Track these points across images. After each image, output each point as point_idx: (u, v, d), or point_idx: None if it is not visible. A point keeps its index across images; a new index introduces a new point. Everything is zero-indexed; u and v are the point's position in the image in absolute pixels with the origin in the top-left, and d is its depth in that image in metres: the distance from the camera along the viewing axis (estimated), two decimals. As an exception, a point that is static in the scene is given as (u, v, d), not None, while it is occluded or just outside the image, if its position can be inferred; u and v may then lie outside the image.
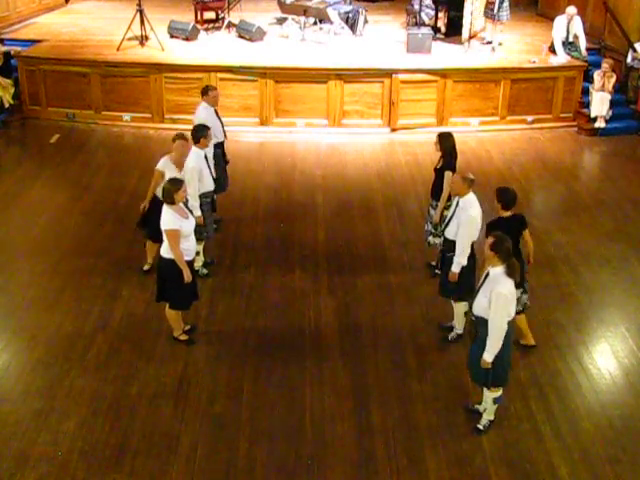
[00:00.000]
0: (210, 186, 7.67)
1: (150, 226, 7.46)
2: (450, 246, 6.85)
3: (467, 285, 6.71)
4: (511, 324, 5.62)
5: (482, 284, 5.68)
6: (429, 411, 6.31)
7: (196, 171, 7.37)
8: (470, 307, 5.95)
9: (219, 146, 8.60)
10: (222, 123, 8.66)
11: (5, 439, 5.89)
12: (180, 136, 7.46)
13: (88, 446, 5.86)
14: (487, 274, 5.65)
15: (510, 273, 5.50)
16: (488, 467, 5.76)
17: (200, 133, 7.49)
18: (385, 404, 6.38)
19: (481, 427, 6.08)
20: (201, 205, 7.52)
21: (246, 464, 5.76)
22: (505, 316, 5.51)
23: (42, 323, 7.31)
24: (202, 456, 5.81)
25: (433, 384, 6.63)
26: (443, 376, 6.70)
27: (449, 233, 6.90)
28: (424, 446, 5.95)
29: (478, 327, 5.73)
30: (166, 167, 7.40)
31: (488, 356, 5.62)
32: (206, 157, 7.60)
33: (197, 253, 7.77)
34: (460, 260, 6.70)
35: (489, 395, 5.99)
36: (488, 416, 6.08)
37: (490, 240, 5.54)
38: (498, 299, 5.44)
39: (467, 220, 6.61)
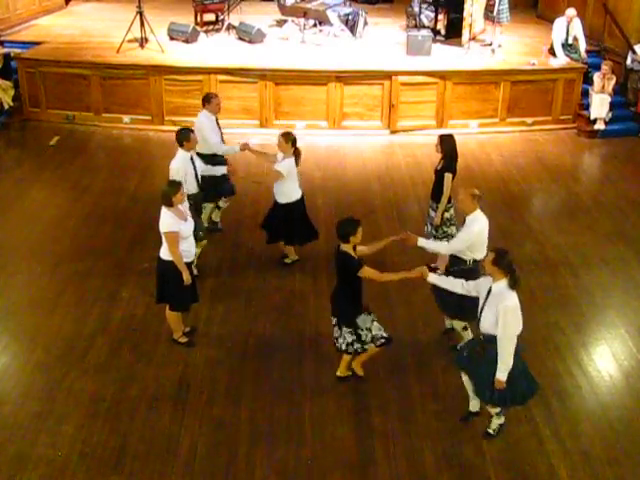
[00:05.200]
0: (193, 189, 7.56)
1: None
2: (453, 262, 6.74)
3: (469, 304, 6.30)
4: (519, 339, 5.55)
5: (486, 300, 5.62)
6: (428, 414, 6.31)
7: (180, 172, 7.31)
8: (477, 325, 5.87)
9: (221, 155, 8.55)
10: (222, 133, 8.59)
11: (4, 441, 5.89)
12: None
13: (88, 448, 5.85)
14: (490, 290, 5.60)
15: (513, 285, 5.48)
16: (488, 469, 5.76)
17: (183, 137, 7.42)
18: (384, 406, 6.38)
19: (492, 431, 6.04)
20: None
21: (246, 466, 5.76)
22: (514, 329, 5.47)
23: (41, 325, 7.32)
24: (202, 458, 5.81)
25: (432, 386, 6.63)
26: (443, 379, 6.70)
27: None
28: (423, 448, 5.94)
29: (487, 345, 5.64)
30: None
31: (502, 375, 5.52)
32: (192, 159, 7.53)
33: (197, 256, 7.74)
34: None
35: (491, 411, 5.97)
36: (498, 420, 6.03)
37: (491, 256, 5.55)
38: (506, 314, 5.40)
39: (466, 235, 6.49)
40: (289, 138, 7.77)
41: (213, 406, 6.34)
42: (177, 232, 6.45)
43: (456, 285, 6.03)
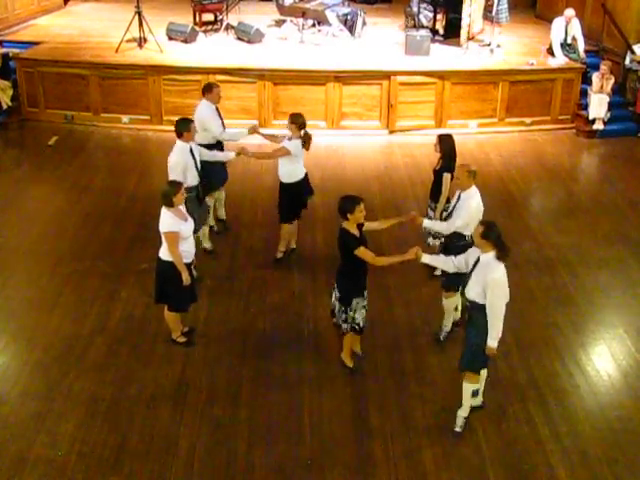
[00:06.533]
0: (195, 180, 7.54)
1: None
2: (452, 237, 6.86)
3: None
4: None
5: (473, 269, 5.73)
6: (427, 413, 6.32)
7: (180, 165, 7.30)
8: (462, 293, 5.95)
9: (220, 144, 8.57)
10: (223, 121, 8.61)
11: (3, 441, 5.89)
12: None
13: (86, 448, 5.86)
14: (478, 259, 5.69)
15: (501, 257, 5.57)
16: (486, 469, 5.77)
17: (182, 127, 7.39)
18: (383, 406, 6.39)
19: (459, 429, 6.07)
20: (186, 200, 7.15)
21: (245, 466, 5.76)
22: (503, 299, 5.58)
23: (40, 325, 7.31)
24: (201, 458, 5.82)
25: (431, 386, 6.63)
26: (441, 378, 6.71)
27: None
28: (422, 448, 5.95)
29: (472, 312, 5.76)
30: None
31: (492, 342, 5.64)
32: (191, 151, 7.49)
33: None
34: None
35: (468, 387, 5.98)
36: (463, 413, 6.07)
37: (480, 229, 5.63)
38: (494, 285, 5.51)
39: (466, 212, 6.65)
40: (296, 120, 7.82)
41: (212, 406, 6.34)
42: (177, 232, 6.45)
43: (447, 263, 6.15)
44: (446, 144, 7.75)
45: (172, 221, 6.45)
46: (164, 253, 6.59)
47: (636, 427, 6.21)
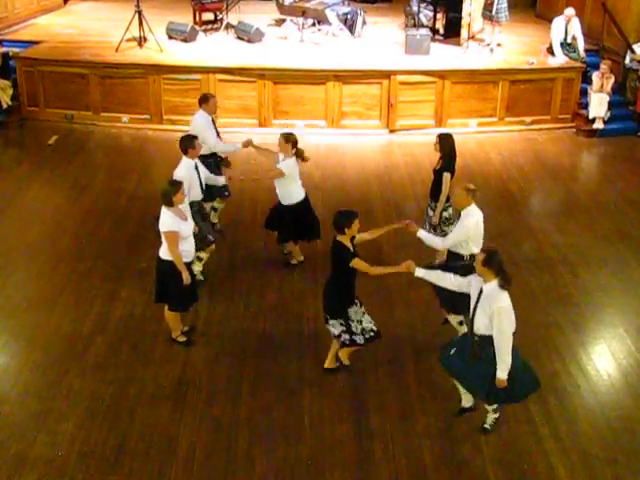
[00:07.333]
0: (198, 196, 7.52)
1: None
2: (450, 257, 6.77)
3: (464, 298, 6.26)
4: (513, 340, 5.54)
5: (477, 302, 5.59)
6: (427, 413, 6.31)
7: (185, 181, 7.27)
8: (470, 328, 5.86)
9: (214, 155, 8.52)
10: (218, 131, 8.56)
11: (3, 440, 5.89)
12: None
13: (86, 447, 5.86)
14: (481, 290, 5.58)
15: (504, 285, 5.46)
16: (486, 468, 5.76)
17: (187, 144, 7.35)
18: (383, 406, 6.38)
19: (488, 426, 6.05)
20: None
21: (245, 465, 5.76)
22: (510, 328, 5.48)
23: (40, 324, 7.31)
24: (201, 457, 5.81)
25: (431, 386, 6.63)
26: (441, 378, 6.68)
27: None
28: (422, 448, 5.95)
29: (483, 346, 5.62)
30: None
31: (502, 374, 5.51)
32: (196, 166, 7.48)
33: (199, 259, 7.66)
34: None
35: (487, 407, 5.95)
36: (494, 415, 6.03)
37: (480, 257, 5.52)
38: (500, 314, 5.41)
39: (462, 229, 6.55)
40: (289, 139, 7.73)
41: (212, 405, 6.34)
42: (177, 232, 6.45)
43: (445, 280, 6.00)
44: (446, 143, 7.75)
45: (172, 220, 6.45)
46: (164, 252, 6.59)
47: (636, 427, 6.21)
